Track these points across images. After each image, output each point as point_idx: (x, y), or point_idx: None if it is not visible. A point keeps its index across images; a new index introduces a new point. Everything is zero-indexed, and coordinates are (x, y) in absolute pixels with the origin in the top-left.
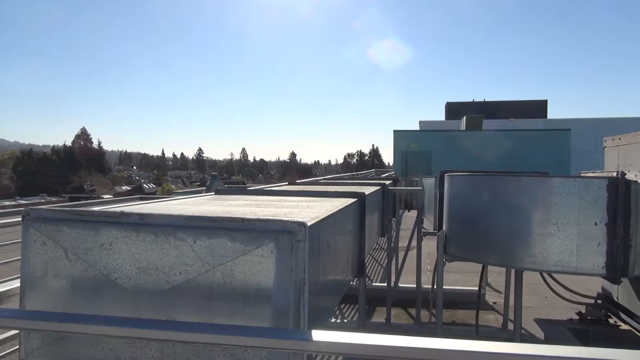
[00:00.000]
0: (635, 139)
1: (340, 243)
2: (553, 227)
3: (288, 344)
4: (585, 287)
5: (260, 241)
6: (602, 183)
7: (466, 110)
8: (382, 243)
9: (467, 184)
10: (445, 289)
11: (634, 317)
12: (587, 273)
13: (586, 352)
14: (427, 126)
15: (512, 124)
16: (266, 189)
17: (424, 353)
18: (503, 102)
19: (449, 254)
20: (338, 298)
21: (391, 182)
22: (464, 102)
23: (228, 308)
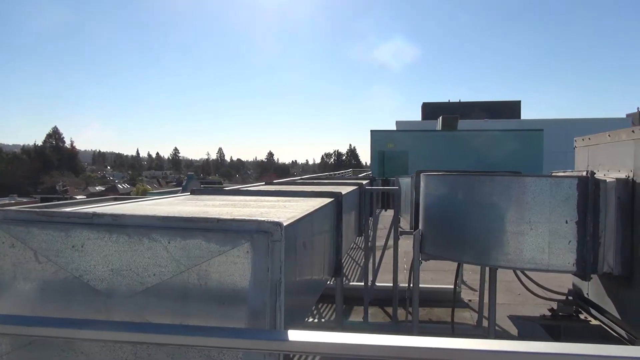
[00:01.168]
0: (604, 139)
1: (317, 243)
2: (526, 225)
3: (264, 344)
4: (557, 283)
5: (236, 241)
6: (572, 182)
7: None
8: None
9: (443, 183)
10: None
11: (603, 313)
12: (559, 270)
13: (557, 348)
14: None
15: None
16: (243, 189)
17: (400, 351)
18: (478, 102)
19: (425, 253)
20: (315, 298)
21: (368, 181)
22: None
23: (203, 309)
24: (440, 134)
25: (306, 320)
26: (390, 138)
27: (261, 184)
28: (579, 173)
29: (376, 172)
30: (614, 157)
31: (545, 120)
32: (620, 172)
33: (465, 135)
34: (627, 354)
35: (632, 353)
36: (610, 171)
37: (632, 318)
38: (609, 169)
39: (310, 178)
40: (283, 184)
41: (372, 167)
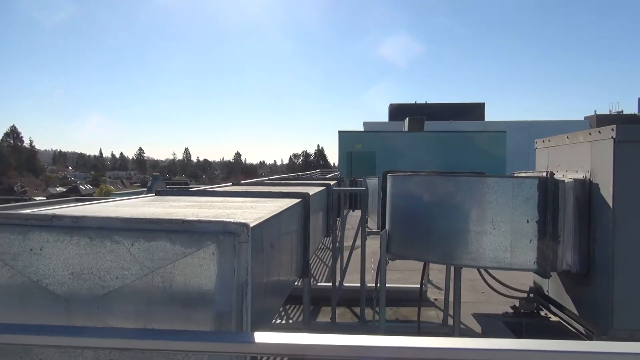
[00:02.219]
0: (562, 141)
1: (284, 243)
2: (489, 225)
3: (230, 347)
4: (519, 281)
5: (201, 243)
6: (533, 182)
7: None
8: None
9: (408, 184)
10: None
11: (562, 309)
12: (520, 268)
13: (517, 344)
14: (371, 127)
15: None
16: (209, 190)
17: (366, 351)
18: (443, 104)
19: (392, 253)
20: (282, 299)
21: (336, 182)
22: (407, 104)
23: (168, 312)
24: (407, 135)
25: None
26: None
27: (228, 185)
28: (540, 174)
29: (344, 172)
30: (572, 159)
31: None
32: (578, 173)
33: (431, 136)
34: (583, 349)
35: (588, 348)
36: (568, 172)
37: (589, 314)
38: (568, 170)
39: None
40: (250, 184)
41: (340, 167)
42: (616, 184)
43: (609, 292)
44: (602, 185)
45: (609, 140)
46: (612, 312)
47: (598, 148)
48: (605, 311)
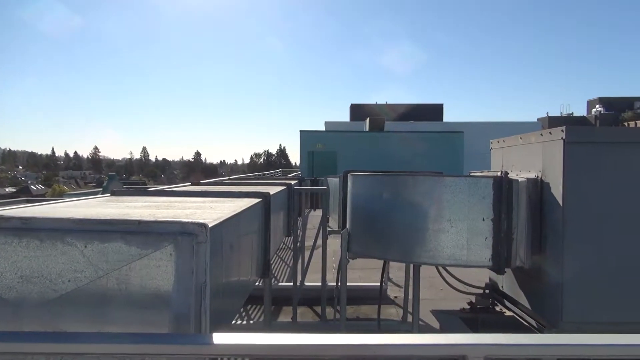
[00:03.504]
0: (516, 142)
1: (244, 244)
2: (446, 223)
3: (188, 349)
4: (476, 278)
5: (158, 244)
6: (488, 182)
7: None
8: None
9: (369, 183)
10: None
11: (516, 304)
12: (476, 265)
13: (471, 339)
14: (332, 127)
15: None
16: (167, 190)
17: (326, 349)
18: (403, 104)
19: (352, 252)
20: (242, 299)
21: (297, 181)
22: (368, 104)
23: (124, 315)
24: (368, 135)
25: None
26: (320, 138)
27: (187, 185)
28: (494, 173)
29: (305, 172)
30: (525, 158)
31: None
32: (531, 172)
33: (391, 136)
34: (534, 342)
35: (538, 340)
36: (522, 171)
37: (540, 308)
38: (521, 170)
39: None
40: (210, 184)
41: (302, 167)
42: (566, 183)
43: (559, 287)
44: (552, 184)
45: (559, 141)
46: (561, 306)
47: (549, 148)
48: (556, 305)
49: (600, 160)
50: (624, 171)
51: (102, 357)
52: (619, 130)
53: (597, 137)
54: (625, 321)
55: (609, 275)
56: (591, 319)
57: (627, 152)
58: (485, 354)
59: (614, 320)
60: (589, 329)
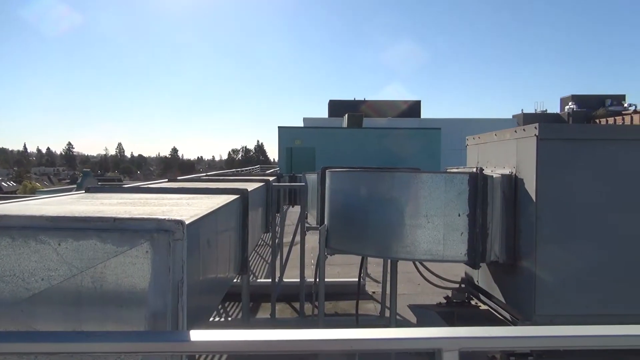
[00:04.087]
0: (491, 138)
1: (221, 240)
2: (423, 219)
3: (165, 346)
4: (452, 273)
5: (134, 241)
6: (464, 178)
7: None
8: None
9: (347, 179)
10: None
11: (490, 298)
12: (452, 260)
13: (446, 332)
14: (310, 123)
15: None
16: (143, 187)
17: (303, 344)
18: (382, 101)
19: (331, 248)
20: (220, 296)
21: (275, 178)
22: (346, 100)
23: (99, 313)
24: (346, 131)
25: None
26: (298, 134)
27: (164, 181)
28: (470, 170)
29: (284, 168)
30: (500, 155)
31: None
32: (505, 169)
33: (370, 132)
34: (507, 334)
35: (511, 333)
36: (496, 168)
37: (514, 302)
38: (496, 166)
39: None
40: (187, 180)
41: (280, 163)
42: (539, 179)
43: (532, 281)
44: (526, 180)
45: (533, 138)
46: (534, 300)
47: (523, 145)
48: (529, 299)
49: (572, 157)
50: (595, 167)
51: (77, 356)
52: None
53: (570, 134)
54: (596, 313)
55: (580, 270)
56: (563, 311)
57: (598, 148)
58: (460, 347)
59: (585, 312)
60: (561, 321)
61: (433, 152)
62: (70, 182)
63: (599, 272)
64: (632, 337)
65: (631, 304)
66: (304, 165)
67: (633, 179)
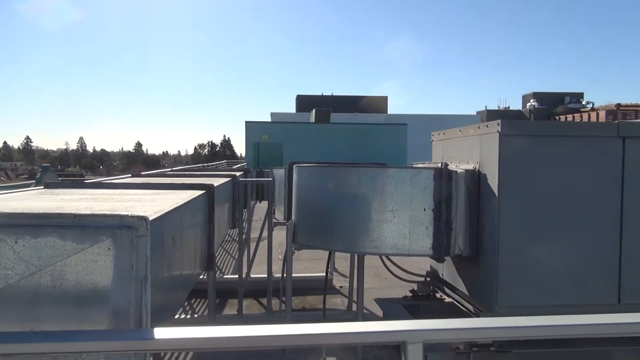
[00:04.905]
0: (455, 134)
1: (187, 236)
2: (389, 213)
3: (128, 345)
4: (418, 266)
5: (95, 238)
6: (429, 173)
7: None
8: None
9: (314, 174)
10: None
11: (455, 291)
12: (418, 254)
13: (410, 325)
14: (278, 118)
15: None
16: (106, 182)
17: (270, 340)
18: (349, 97)
19: (298, 243)
20: (185, 293)
21: (242, 173)
22: (314, 95)
23: (59, 313)
24: (314, 127)
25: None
26: (265, 129)
27: (127, 176)
28: (435, 165)
29: (251, 163)
30: (464, 150)
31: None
32: (469, 164)
33: (337, 127)
34: (469, 326)
35: (473, 325)
36: (461, 163)
37: (477, 294)
38: (460, 161)
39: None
40: (152, 176)
41: (247, 158)
42: (501, 174)
43: (494, 273)
44: (489, 175)
45: (495, 134)
46: (497, 292)
47: (486, 141)
48: (491, 291)
49: (533, 152)
50: (555, 163)
51: (35, 357)
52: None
53: (531, 131)
54: (555, 304)
55: (540, 262)
56: (524, 302)
57: (558, 144)
58: (424, 339)
59: (544, 303)
60: (521, 312)
61: (399, 148)
62: (29, 177)
63: (557, 265)
64: (584, 327)
65: (585, 294)
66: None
67: (590, 173)
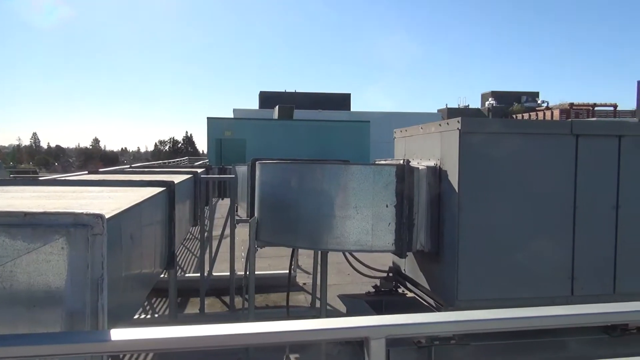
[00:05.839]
0: (417, 132)
1: (146, 235)
2: (353, 210)
3: (82, 347)
4: (381, 262)
5: (48, 237)
6: (391, 170)
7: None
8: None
9: (277, 171)
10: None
11: (417, 286)
12: (380, 250)
13: (372, 321)
14: (241, 114)
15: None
16: (61, 179)
17: (233, 339)
18: (312, 93)
19: (261, 240)
20: (145, 292)
21: (204, 170)
22: (277, 91)
23: (9, 315)
24: (277, 123)
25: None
26: (228, 126)
27: (84, 173)
28: (397, 162)
29: (213, 160)
30: (425, 147)
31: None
32: (430, 161)
33: (300, 124)
34: (430, 320)
35: (434, 319)
36: (422, 160)
37: (438, 289)
38: (422, 158)
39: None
40: (110, 173)
41: (209, 155)
42: (461, 170)
43: (454, 268)
44: (449, 171)
45: (455, 131)
46: (457, 286)
47: (446, 138)
48: (452, 285)
49: (492, 149)
50: (513, 159)
51: None
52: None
53: (489, 128)
54: (513, 297)
55: (498, 257)
56: (483, 296)
57: (515, 141)
58: (386, 334)
59: (502, 297)
60: (481, 305)
61: (363, 145)
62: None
63: (514, 259)
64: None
65: (541, 288)
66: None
67: (545, 170)
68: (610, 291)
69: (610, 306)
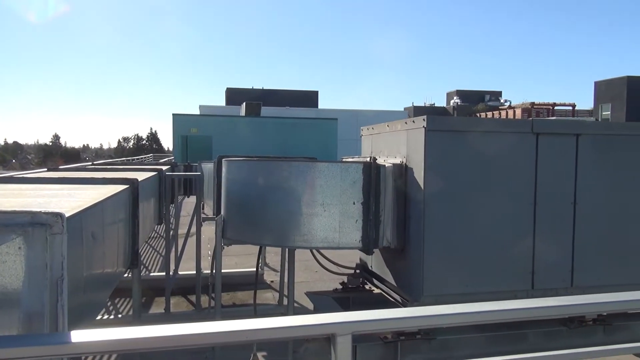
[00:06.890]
0: (384, 129)
1: (109, 233)
2: (320, 207)
3: (41, 350)
4: (348, 259)
5: (4, 237)
6: (358, 167)
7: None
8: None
9: (243, 168)
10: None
11: (383, 282)
12: (348, 247)
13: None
14: (207, 111)
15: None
16: (18, 177)
17: (199, 338)
18: (280, 90)
19: (228, 238)
20: (108, 292)
21: (169, 167)
22: (244, 88)
23: None
24: (244, 120)
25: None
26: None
27: (43, 171)
28: (364, 159)
29: (179, 157)
30: (392, 145)
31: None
32: (396, 158)
33: (268, 121)
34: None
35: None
36: (389, 157)
37: (404, 285)
38: (388, 155)
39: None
40: (70, 170)
41: (175, 152)
42: (426, 168)
43: (420, 264)
44: (415, 169)
45: (421, 129)
46: (422, 282)
47: (412, 136)
48: (417, 281)
49: (457, 147)
50: (477, 157)
51: None
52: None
53: (454, 126)
54: (477, 292)
55: (462, 252)
56: (448, 291)
57: (479, 139)
58: (352, 331)
59: (467, 291)
60: (447, 300)
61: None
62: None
63: (478, 254)
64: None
65: (504, 281)
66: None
67: (507, 167)
68: (568, 284)
69: (569, 299)
